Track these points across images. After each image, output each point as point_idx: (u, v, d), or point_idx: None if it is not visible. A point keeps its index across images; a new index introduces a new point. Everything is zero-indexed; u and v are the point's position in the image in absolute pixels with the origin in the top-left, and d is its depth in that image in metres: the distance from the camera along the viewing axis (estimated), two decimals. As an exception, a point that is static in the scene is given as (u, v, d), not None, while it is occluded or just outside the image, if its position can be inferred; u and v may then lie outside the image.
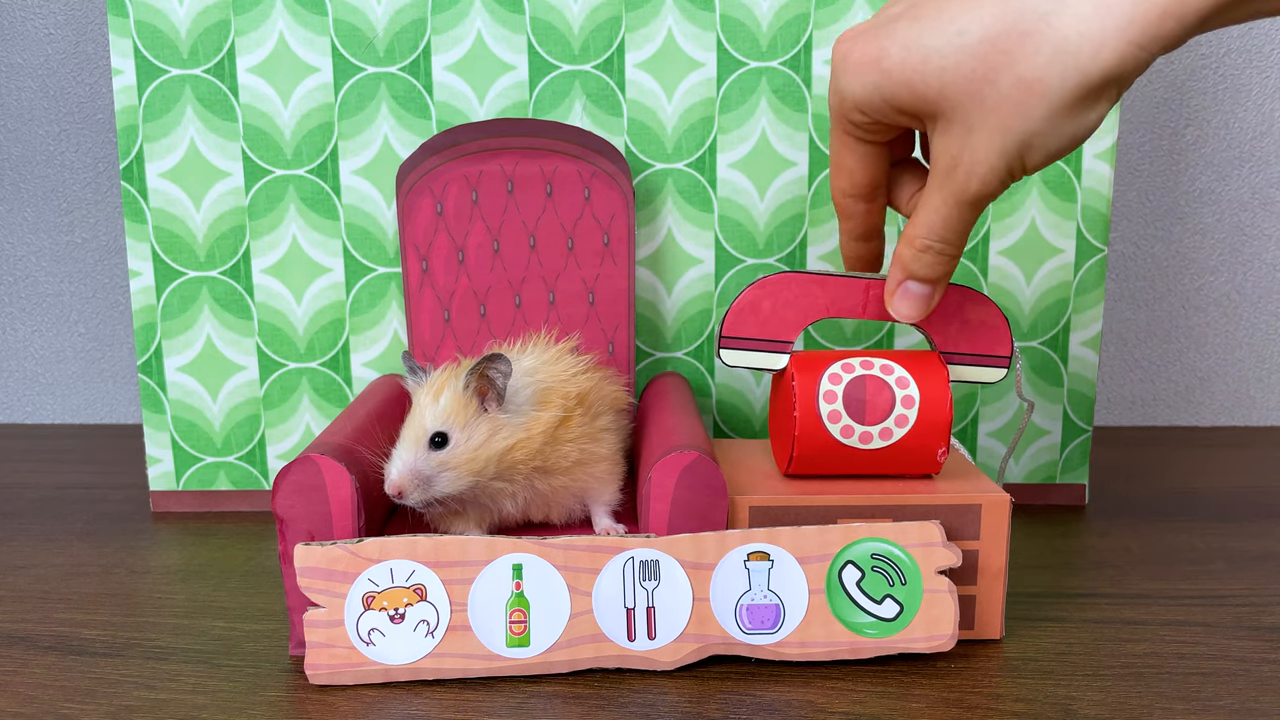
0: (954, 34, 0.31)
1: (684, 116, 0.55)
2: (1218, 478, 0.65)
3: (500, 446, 0.41)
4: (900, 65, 0.33)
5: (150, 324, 0.57)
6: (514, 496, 0.42)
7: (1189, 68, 0.74)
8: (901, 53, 0.32)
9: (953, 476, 0.43)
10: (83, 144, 0.76)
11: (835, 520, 0.40)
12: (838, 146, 0.37)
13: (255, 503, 0.59)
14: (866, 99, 0.34)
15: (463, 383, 0.40)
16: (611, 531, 0.42)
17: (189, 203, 0.56)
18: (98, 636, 0.42)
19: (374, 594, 0.37)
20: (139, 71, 0.54)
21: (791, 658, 0.38)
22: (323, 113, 0.55)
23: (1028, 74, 0.31)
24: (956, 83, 0.32)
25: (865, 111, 0.35)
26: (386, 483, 0.40)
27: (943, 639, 0.39)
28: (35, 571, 0.49)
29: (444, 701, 0.36)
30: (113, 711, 0.36)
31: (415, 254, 0.51)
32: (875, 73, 0.33)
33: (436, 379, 0.42)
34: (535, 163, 0.51)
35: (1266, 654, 0.40)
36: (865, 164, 0.37)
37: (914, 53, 0.32)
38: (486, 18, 0.54)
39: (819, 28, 0.54)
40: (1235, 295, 0.77)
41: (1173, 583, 0.47)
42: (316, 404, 0.58)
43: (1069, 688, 0.38)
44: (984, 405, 0.58)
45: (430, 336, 0.52)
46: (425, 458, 0.40)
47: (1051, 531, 0.55)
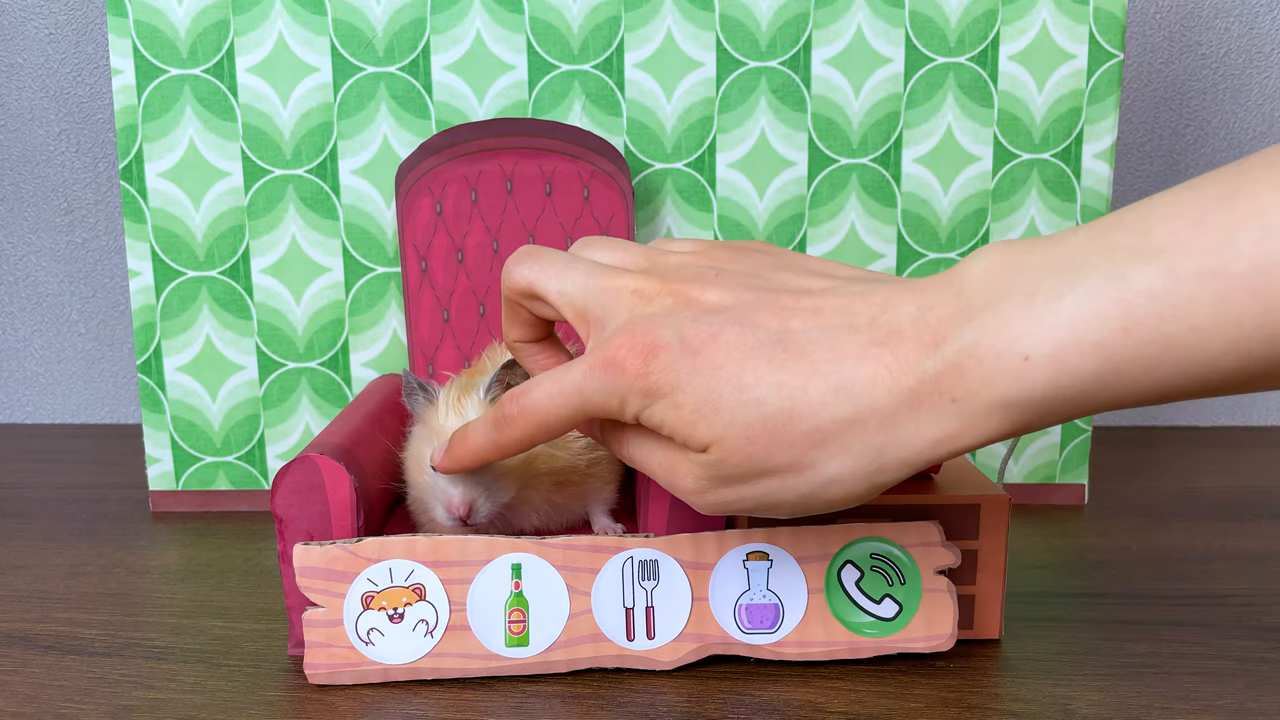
0: (752, 400, 0.28)
1: (683, 116, 0.55)
2: (1218, 478, 0.65)
3: (538, 449, 0.41)
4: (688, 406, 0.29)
5: (150, 324, 0.57)
6: (536, 509, 0.42)
7: (1189, 68, 0.74)
8: (691, 399, 0.29)
9: (952, 476, 0.43)
10: (83, 144, 0.76)
11: (834, 520, 0.40)
12: (509, 315, 0.35)
13: (254, 502, 0.59)
14: (596, 392, 0.30)
15: (489, 393, 0.40)
16: (610, 531, 0.42)
17: (188, 203, 0.56)
18: (97, 636, 0.42)
19: (373, 594, 0.37)
20: (138, 71, 0.54)
21: (790, 657, 0.38)
22: (322, 112, 0.55)
23: (804, 459, 0.28)
24: (733, 437, 0.28)
25: (634, 417, 0.30)
26: (450, 506, 0.39)
27: (942, 639, 0.39)
28: (35, 571, 0.49)
29: (443, 701, 0.36)
30: (112, 711, 0.36)
31: (414, 254, 0.51)
32: (636, 387, 0.29)
33: (452, 393, 0.41)
34: (534, 163, 0.51)
35: (1266, 654, 0.40)
36: (537, 326, 0.35)
37: (701, 402, 0.28)
38: (486, 18, 0.54)
39: (819, 27, 0.54)
40: (1235, 295, 0.77)
41: (1172, 582, 0.47)
42: (316, 404, 0.58)
43: (1068, 687, 0.38)
44: (983, 405, 0.58)
45: (429, 336, 0.52)
46: (477, 473, 0.39)
47: (1051, 531, 0.55)
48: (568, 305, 0.32)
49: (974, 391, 0.26)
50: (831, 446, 0.28)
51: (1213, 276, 0.23)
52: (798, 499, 0.29)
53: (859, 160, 0.56)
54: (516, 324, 0.35)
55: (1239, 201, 0.23)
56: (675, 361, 0.28)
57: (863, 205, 0.56)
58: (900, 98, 0.55)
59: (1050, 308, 0.25)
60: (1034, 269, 0.26)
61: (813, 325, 0.28)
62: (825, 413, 0.27)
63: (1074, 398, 0.25)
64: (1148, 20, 0.73)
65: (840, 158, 0.56)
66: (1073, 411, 0.26)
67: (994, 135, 0.55)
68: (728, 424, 0.28)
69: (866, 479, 0.28)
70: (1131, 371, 0.24)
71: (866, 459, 0.28)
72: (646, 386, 0.29)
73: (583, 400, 0.30)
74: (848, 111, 0.55)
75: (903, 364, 0.27)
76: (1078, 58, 0.54)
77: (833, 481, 0.28)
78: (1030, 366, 0.25)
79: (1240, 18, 0.73)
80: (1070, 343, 0.25)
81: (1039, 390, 0.25)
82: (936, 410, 0.27)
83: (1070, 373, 0.25)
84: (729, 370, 0.28)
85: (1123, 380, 0.25)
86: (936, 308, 0.27)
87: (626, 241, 0.34)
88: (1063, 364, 0.25)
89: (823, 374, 0.27)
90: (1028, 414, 0.26)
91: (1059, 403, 0.26)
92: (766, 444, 0.28)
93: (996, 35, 0.54)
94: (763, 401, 0.28)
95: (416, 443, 0.41)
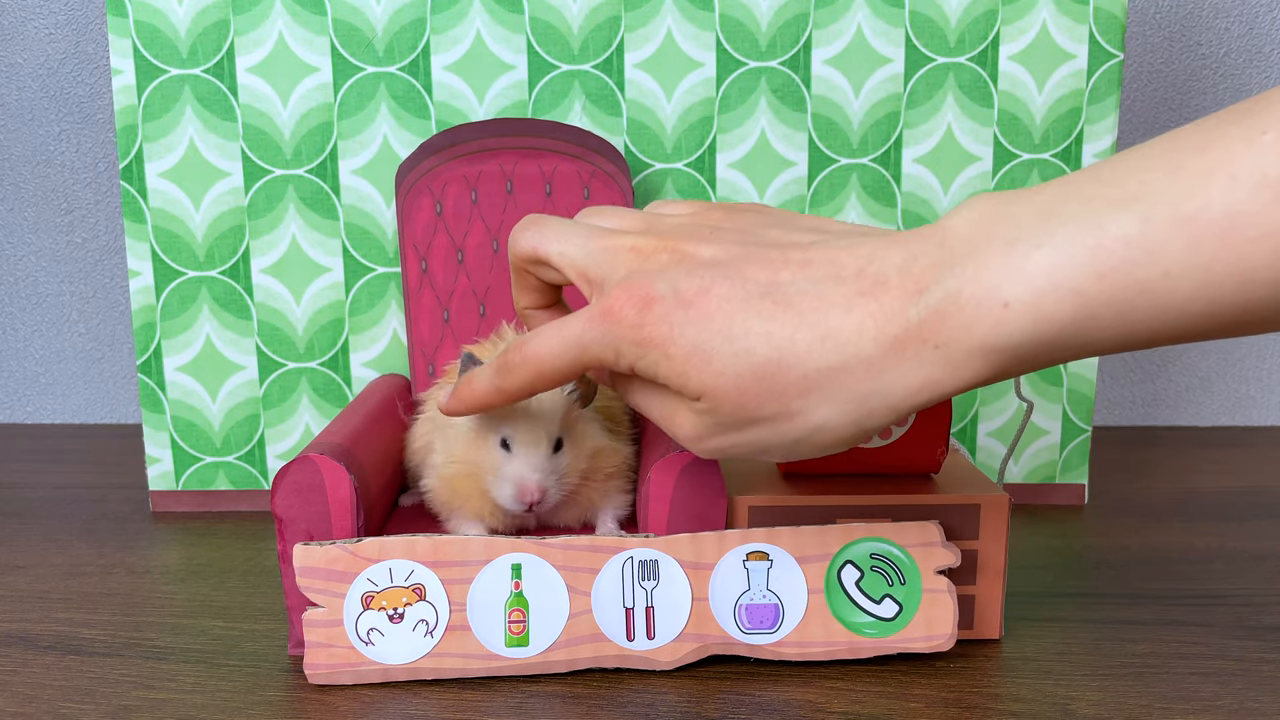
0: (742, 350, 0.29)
1: (683, 116, 0.55)
2: (1217, 478, 0.65)
3: (603, 444, 0.42)
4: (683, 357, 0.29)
5: (150, 324, 0.57)
6: (578, 504, 0.43)
7: (1189, 68, 0.74)
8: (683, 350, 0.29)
9: (952, 476, 0.43)
10: (83, 144, 0.76)
11: (834, 520, 0.40)
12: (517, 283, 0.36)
13: (254, 502, 0.59)
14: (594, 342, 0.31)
15: (565, 390, 0.41)
16: (611, 534, 0.42)
17: (188, 203, 0.56)
18: (97, 636, 0.42)
19: (373, 594, 0.37)
20: (138, 71, 0.54)
21: (790, 657, 0.38)
22: (322, 112, 0.55)
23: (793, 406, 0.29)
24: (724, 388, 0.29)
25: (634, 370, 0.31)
26: (524, 489, 0.39)
27: (942, 639, 0.39)
28: (35, 571, 0.49)
29: (443, 701, 0.36)
30: (112, 711, 0.36)
31: (414, 254, 0.51)
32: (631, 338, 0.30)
33: None
34: (534, 163, 0.51)
35: (1265, 654, 0.40)
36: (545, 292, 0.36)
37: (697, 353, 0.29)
38: (486, 18, 0.54)
39: (819, 27, 0.54)
40: (1235, 295, 0.77)
41: (1172, 582, 0.47)
42: (316, 404, 0.58)
43: (1068, 687, 0.38)
44: (983, 405, 0.58)
45: (429, 336, 0.52)
46: (553, 461, 0.40)
47: (1051, 531, 0.55)
48: (570, 266, 0.33)
49: (956, 338, 0.27)
50: (819, 394, 0.28)
51: (1185, 223, 0.24)
52: (789, 444, 0.30)
53: (859, 160, 0.56)
54: (525, 290, 0.36)
55: (1211, 152, 0.24)
56: (669, 313, 0.29)
57: (863, 205, 0.56)
58: (900, 98, 0.55)
59: (1029, 256, 0.26)
60: (1014, 219, 0.27)
61: (801, 277, 0.29)
62: (812, 361, 0.28)
63: (1051, 343, 0.26)
64: (1148, 20, 0.73)
65: (840, 158, 0.56)
66: (1051, 357, 0.27)
67: (994, 135, 0.55)
68: (718, 374, 0.29)
69: (854, 424, 0.29)
70: (1106, 317, 0.25)
71: (853, 405, 0.28)
72: (640, 337, 0.30)
73: (580, 350, 0.31)
74: (848, 111, 0.55)
75: (887, 313, 0.28)
76: (1078, 58, 0.54)
77: (821, 428, 0.29)
78: (1009, 313, 0.26)
79: (1240, 18, 0.73)
80: (1048, 289, 0.25)
81: (1017, 336, 0.26)
82: (920, 357, 0.27)
83: (1048, 319, 0.26)
84: (720, 321, 0.29)
85: (1099, 325, 0.25)
86: (920, 258, 0.28)
87: (626, 208, 0.35)
88: (1040, 310, 0.26)
89: (810, 324, 0.28)
90: (1007, 359, 0.27)
91: (1037, 347, 0.26)
92: (756, 393, 0.29)
93: (996, 35, 0.54)
94: (752, 351, 0.28)
95: (478, 426, 0.41)
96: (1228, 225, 0.23)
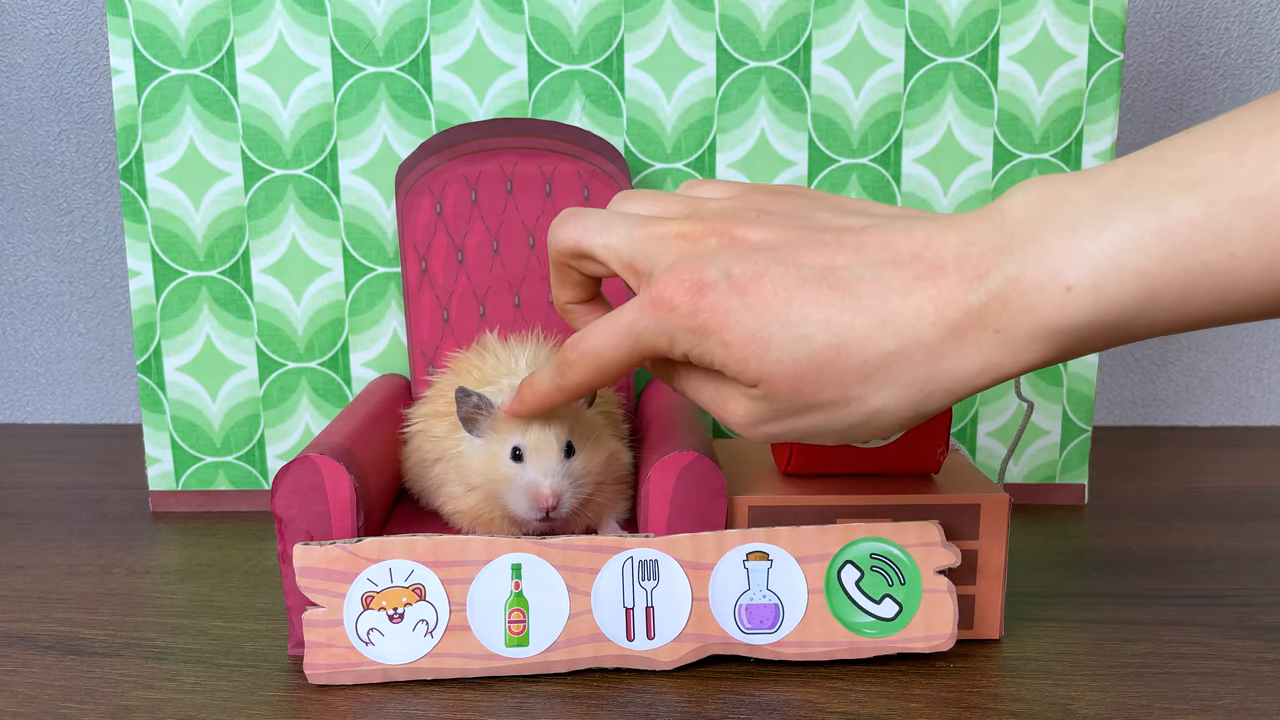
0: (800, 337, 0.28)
1: (683, 116, 0.55)
2: (1218, 478, 0.65)
3: (615, 447, 0.42)
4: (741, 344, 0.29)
5: (149, 324, 0.57)
6: (590, 508, 0.42)
7: (1189, 68, 0.74)
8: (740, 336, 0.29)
9: (952, 476, 0.43)
10: (83, 144, 0.76)
11: (834, 520, 0.40)
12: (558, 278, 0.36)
13: (254, 502, 0.59)
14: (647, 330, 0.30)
15: None
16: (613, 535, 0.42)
17: (188, 203, 0.56)
18: (97, 636, 0.42)
19: (373, 594, 0.37)
20: (138, 71, 0.54)
21: (790, 657, 0.38)
22: (322, 112, 0.55)
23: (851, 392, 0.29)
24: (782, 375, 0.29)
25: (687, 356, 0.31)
26: (539, 497, 0.39)
27: (942, 639, 0.39)
28: (35, 571, 0.49)
29: (443, 701, 0.36)
30: (112, 711, 0.36)
31: (414, 254, 0.51)
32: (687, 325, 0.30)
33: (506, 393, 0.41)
34: (534, 163, 0.51)
35: (1265, 654, 0.40)
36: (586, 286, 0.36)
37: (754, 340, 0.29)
38: (486, 18, 0.54)
39: (819, 27, 0.54)
40: (1235, 295, 0.77)
41: (1172, 582, 0.47)
42: (316, 404, 0.58)
43: (1068, 688, 0.38)
44: (983, 405, 0.58)
45: (429, 336, 0.52)
46: (566, 466, 0.40)
47: (1051, 531, 0.55)
48: (614, 258, 0.32)
49: (1017, 322, 0.27)
50: (878, 380, 0.28)
51: (1252, 205, 0.24)
52: (845, 428, 0.30)
53: (859, 160, 0.56)
54: (566, 286, 0.36)
55: (1276, 134, 0.24)
56: (723, 299, 0.29)
57: (863, 205, 0.56)
58: (900, 98, 0.55)
59: (1092, 239, 0.26)
60: (1074, 202, 0.26)
61: (857, 262, 0.29)
62: (871, 348, 0.28)
63: (1114, 325, 0.26)
64: (1148, 20, 0.73)
65: (840, 158, 0.56)
66: (1113, 339, 0.27)
67: (994, 135, 0.55)
68: (776, 361, 0.28)
69: (912, 408, 0.29)
70: (1170, 299, 0.25)
71: (912, 390, 0.28)
72: (695, 324, 0.29)
73: (634, 339, 0.31)
74: (848, 111, 0.55)
75: (947, 297, 0.27)
76: (1078, 58, 0.54)
77: (879, 412, 0.29)
78: (1073, 296, 0.26)
79: (1240, 18, 0.73)
80: (1111, 272, 0.25)
81: (1080, 319, 0.26)
82: (980, 341, 0.27)
83: (1111, 300, 0.26)
84: (776, 308, 0.28)
85: (1162, 307, 0.25)
86: (978, 242, 0.27)
87: (663, 192, 0.34)
88: (1104, 293, 0.25)
89: (868, 309, 0.28)
90: (1070, 340, 0.27)
91: (1100, 329, 0.26)
92: (815, 380, 0.28)
93: (996, 35, 0.54)
94: (810, 338, 0.28)
95: (488, 445, 0.41)
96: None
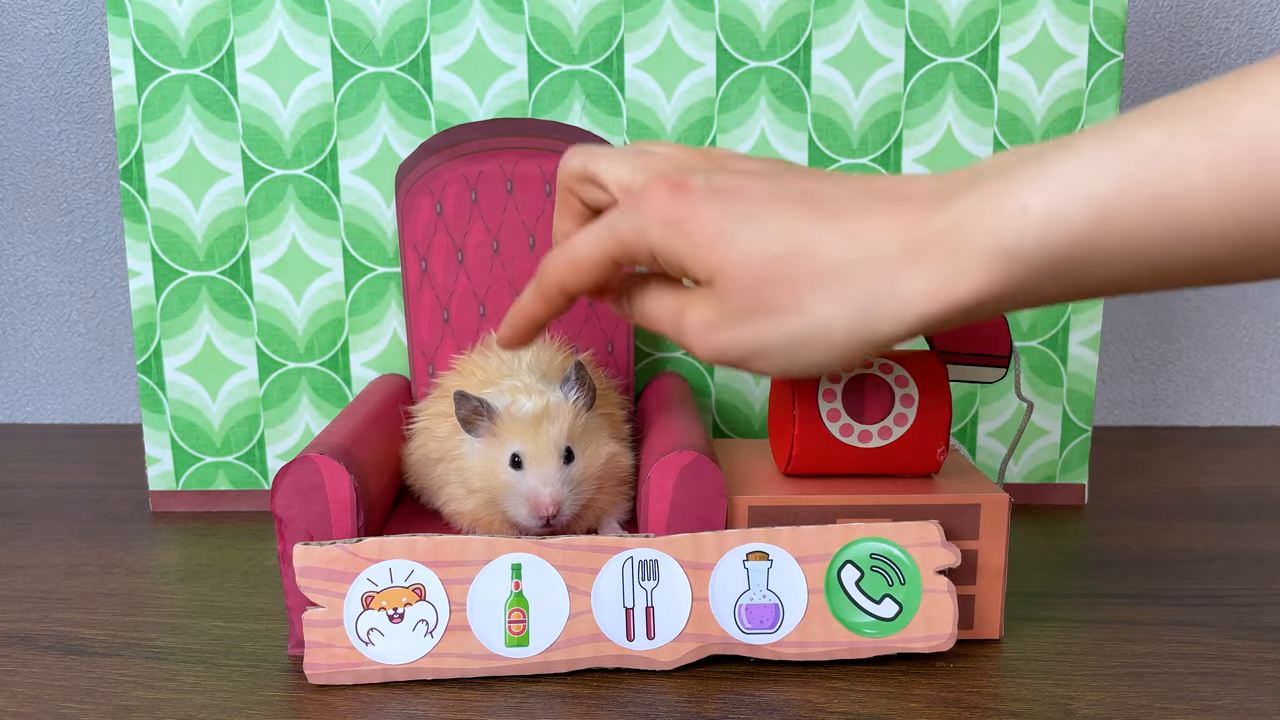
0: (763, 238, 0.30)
1: (683, 116, 0.55)
2: (1218, 478, 0.65)
3: (614, 450, 0.42)
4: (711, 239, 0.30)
5: (150, 324, 0.57)
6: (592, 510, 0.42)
7: (1189, 67, 0.74)
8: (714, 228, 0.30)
9: (952, 476, 0.43)
10: (83, 144, 0.76)
11: (834, 520, 0.40)
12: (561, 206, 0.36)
13: (254, 502, 0.59)
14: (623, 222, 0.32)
15: (570, 397, 0.41)
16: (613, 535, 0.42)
17: (188, 202, 0.56)
18: (97, 636, 0.42)
19: (373, 594, 0.37)
20: (138, 71, 0.54)
21: (790, 657, 0.38)
22: (322, 112, 0.55)
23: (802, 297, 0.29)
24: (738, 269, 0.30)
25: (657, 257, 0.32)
26: (538, 505, 0.39)
27: (942, 639, 0.39)
28: (35, 571, 0.49)
29: (443, 701, 0.36)
30: (112, 711, 0.36)
31: (414, 254, 0.51)
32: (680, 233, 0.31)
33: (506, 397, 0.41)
34: (534, 163, 0.51)
35: (1265, 654, 0.40)
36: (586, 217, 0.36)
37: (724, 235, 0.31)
38: (486, 18, 0.54)
39: (819, 27, 0.54)
40: (1236, 295, 0.77)
41: (1172, 582, 0.47)
42: (316, 404, 0.58)
43: (1068, 687, 0.37)
44: (983, 405, 0.58)
45: (429, 336, 0.52)
46: (565, 472, 0.40)
47: (1051, 531, 0.55)
48: (614, 181, 0.34)
49: (970, 241, 0.27)
50: (830, 289, 0.29)
51: (1211, 138, 0.24)
52: (791, 343, 0.30)
53: (859, 160, 0.56)
54: (566, 214, 0.36)
55: (1245, 83, 0.25)
56: (700, 198, 0.30)
57: (863, 205, 0.56)
58: (900, 97, 0.55)
59: (1052, 168, 0.26)
60: (1044, 146, 0.27)
61: (837, 189, 0.30)
62: (829, 254, 0.29)
63: (1067, 254, 0.26)
64: (1148, 20, 0.73)
65: (840, 158, 0.56)
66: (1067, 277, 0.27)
67: (994, 135, 0.55)
68: (735, 255, 0.29)
69: (859, 327, 0.29)
70: (1124, 230, 0.26)
71: (861, 304, 0.29)
72: (665, 215, 0.30)
73: (610, 231, 0.32)
74: (848, 111, 0.55)
75: (910, 219, 0.28)
76: (1078, 58, 0.54)
77: (826, 326, 0.29)
78: (1026, 215, 0.26)
79: (1240, 18, 0.73)
80: (1066, 194, 0.26)
81: (1032, 240, 0.26)
82: (933, 262, 0.28)
83: (1065, 222, 0.26)
84: (751, 212, 0.30)
85: (1117, 238, 0.26)
86: (950, 180, 0.29)
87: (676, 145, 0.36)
88: (1057, 214, 0.26)
89: (835, 225, 0.29)
90: (1019, 267, 0.27)
91: (1052, 258, 0.26)
92: (769, 280, 0.29)
93: (996, 35, 0.54)
94: (772, 240, 0.29)
95: (487, 450, 0.41)
96: (1254, 142, 0.24)
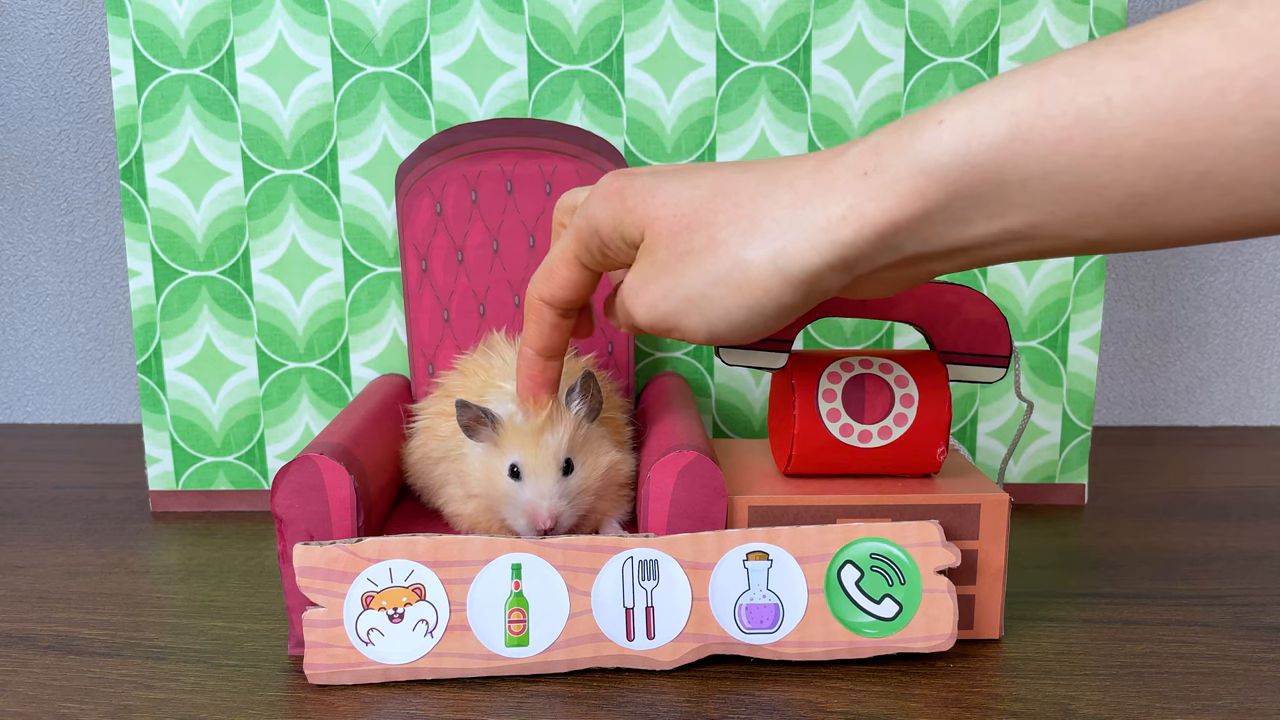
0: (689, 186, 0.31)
1: (683, 116, 0.55)
2: (1218, 478, 0.65)
3: (614, 458, 0.42)
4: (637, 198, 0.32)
5: (150, 324, 0.57)
6: (593, 515, 0.42)
7: (1189, 67, 0.74)
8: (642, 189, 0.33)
9: (952, 476, 0.43)
10: (83, 144, 0.76)
11: (834, 520, 0.40)
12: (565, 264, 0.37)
13: (254, 502, 0.59)
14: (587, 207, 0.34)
15: (573, 407, 0.41)
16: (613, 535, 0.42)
17: (188, 202, 0.56)
18: (97, 636, 0.42)
19: (373, 594, 0.37)
20: (138, 71, 0.54)
21: (790, 657, 0.38)
22: (322, 112, 0.55)
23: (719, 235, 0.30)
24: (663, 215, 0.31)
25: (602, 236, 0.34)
26: (536, 517, 0.39)
27: (942, 639, 0.39)
28: (35, 571, 0.49)
29: (443, 701, 0.36)
30: (112, 711, 0.36)
31: (414, 254, 0.51)
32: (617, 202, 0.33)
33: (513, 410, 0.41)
34: (534, 163, 0.51)
35: (1265, 653, 0.40)
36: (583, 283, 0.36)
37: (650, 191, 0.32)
38: (486, 18, 0.54)
39: (818, 27, 0.54)
40: (1236, 295, 0.77)
41: (1172, 582, 0.47)
42: (316, 404, 0.58)
43: (1068, 687, 0.38)
44: (983, 405, 0.58)
45: (429, 336, 0.52)
46: (564, 484, 0.40)
47: (1051, 531, 0.55)
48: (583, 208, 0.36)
49: (886, 161, 0.27)
50: (746, 224, 0.30)
51: (1132, 58, 0.25)
52: (712, 287, 0.30)
53: (859, 160, 0.56)
54: None
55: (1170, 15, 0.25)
56: (638, 174, 0.32)
57: (863, 205, 0.56)
58: (900, 98, 0.55)
59: (975, 90, 0.27)
60: None
61: (773, 163, 0.31)
62: (746, 191, 0.30)
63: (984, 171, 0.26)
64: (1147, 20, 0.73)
65: (840, 158, 0.56)
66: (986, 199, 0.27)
67: (994, 135, 0.55)
68: (660, 204, 0.31)
69: (776, 263, 0.29)
70: (1043, 144, 0.25)
71: (774, 235, 0.29)
72: (606, 193, 0.33)
73: (569, 232, 0.35)
74: (848, 111, 0.55)
75: (830, 155, 0.29)
76: (1078, 58, 0.54)
77: (746, 264, 0.30)
78: (944, 129, 0.26)
79: (1240, 17, 0.73)
80: (984, 109, 0.26)
81: (949, 154, 0.26)
82: (847, 186, 0.28)
83: (981, 137, 0.26)
84: (685, 175, 0.32)
85: (1035, 154, 0.25)
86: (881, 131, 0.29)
87: None
88: (975, 127, 0.26)
89: (762, 170, 0.30)
90: (935, 185, 0.27)
91: (969, 175, 0.26)
92: (691, 221, 0.31)
93: (997, 35, 0.54)
94: (697, 187, 0.31)
95: (487, 456, 0.41)
96: (1174, 62, 0.24)
